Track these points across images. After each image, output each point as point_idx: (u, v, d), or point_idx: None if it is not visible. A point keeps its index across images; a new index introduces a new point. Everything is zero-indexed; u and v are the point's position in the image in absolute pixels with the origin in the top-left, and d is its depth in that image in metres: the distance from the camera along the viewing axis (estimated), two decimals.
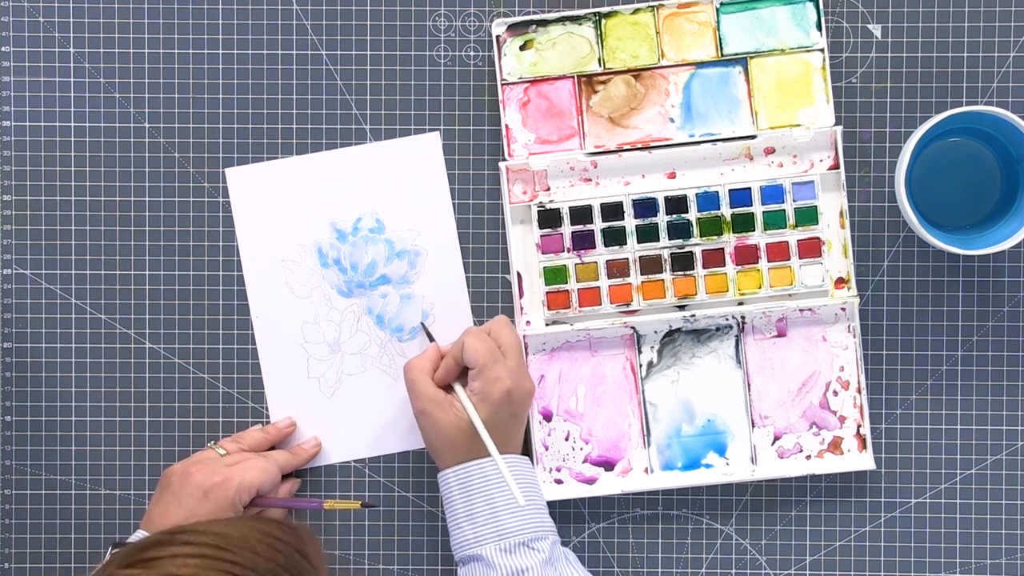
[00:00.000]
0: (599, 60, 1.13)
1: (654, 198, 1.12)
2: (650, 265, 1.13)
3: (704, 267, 1.13)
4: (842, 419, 1.14)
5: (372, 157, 1.14)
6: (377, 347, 1.14)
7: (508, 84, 1.13)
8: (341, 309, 1.14)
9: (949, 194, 1.12)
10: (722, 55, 1.13)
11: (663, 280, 1.13)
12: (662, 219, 1.12)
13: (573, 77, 1.13)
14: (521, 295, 1.13)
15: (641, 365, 1.14)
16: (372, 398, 1.14)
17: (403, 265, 1.14)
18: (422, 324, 1.14)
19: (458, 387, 1.07)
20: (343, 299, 1.14)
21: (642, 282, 1.13)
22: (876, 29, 1.14)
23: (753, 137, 1.12)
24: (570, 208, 1.12)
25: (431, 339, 1.13)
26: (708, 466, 1.14)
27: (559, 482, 1.14)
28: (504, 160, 1.13)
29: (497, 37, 1.13)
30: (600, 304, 1.13)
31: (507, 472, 1.03)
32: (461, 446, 1.06)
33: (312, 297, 1.14)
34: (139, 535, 1.06)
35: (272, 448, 1.13)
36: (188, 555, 0.75)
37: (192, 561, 0.75)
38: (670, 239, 1.13)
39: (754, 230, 1.12)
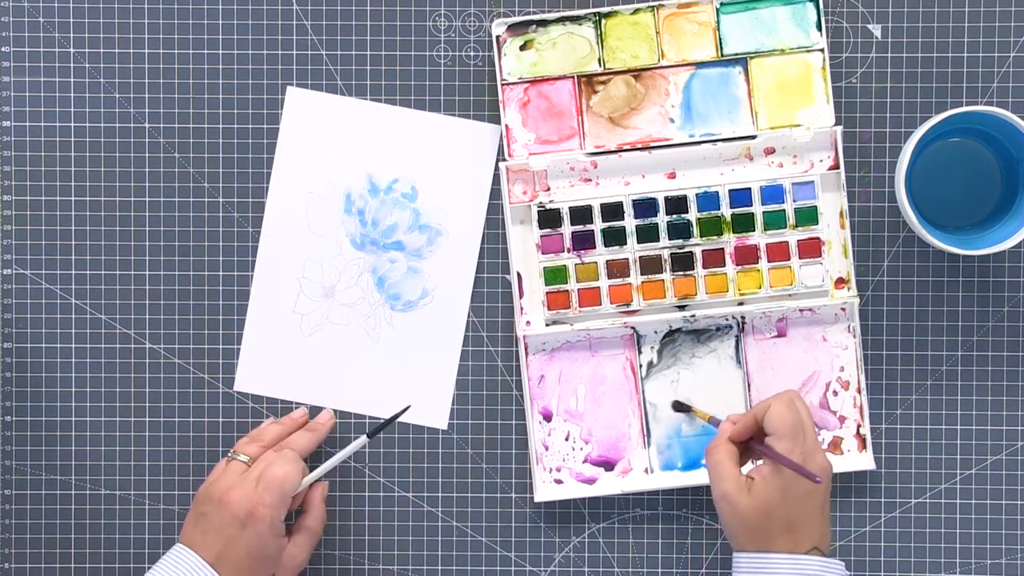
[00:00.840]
0: (599, 60, 1.13)
1: (654, 198, 1.12)
2: (650, 265, 1.13)
3: (704, 267, 1.13)
4: (842, 419, 1.14)
5: (430, 126, 1.13)
6: (368, 306, 1.14)
7: (508, 84, 1.13)
8: (348, 258, 1.14)
9: (949, 194, 1.12)
10: (722, 55, 1.13)
11: (663, 280, 1.13)
12: (662, 219, 1.12)
13: (573, 77, 1.13)
14: (521, 295, 1.13)
15: (641, 365, 1.14)
16: (347, 352, 1.14)
17: (421, 238, 1.14)
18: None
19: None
20: (353, 250, 1.14)
21: (642, 282, 1.13)
22: (876, 29, 1.14)
23: (753, 137, 1.12)
24: (570, 208, 1.12)
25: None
26: None
27: (559, 482, 1.14)
28: (504, 160, 1.13)
29: (497, 37, 1.13)
30: (600, 304, 1.13)
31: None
32: (760, 529, 1.01)
33: (326, 237, 1.14)
34: (179, 550, 1.03)
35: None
36: None
37: None
38: (670, 239, 1.13)
39: (754, 230, 1.12)
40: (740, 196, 1.12)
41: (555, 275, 1.13)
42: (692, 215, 1.12)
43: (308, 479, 1.07)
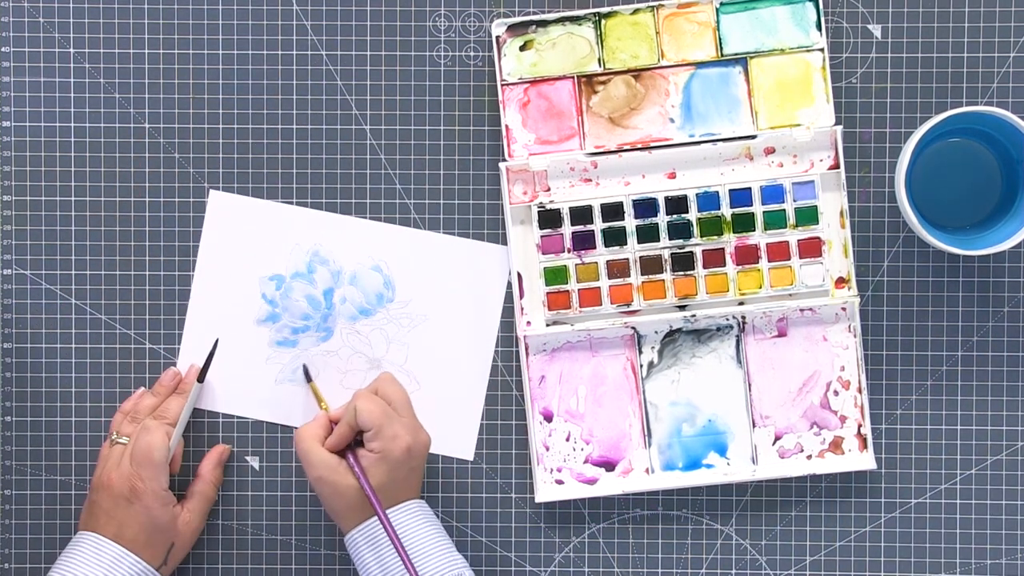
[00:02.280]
0: (599, 60, 1.13)
1: (654, 198, 1.12)
2: (650, 265, 1.13)
3: (704, 267, 1.13)
4: (843, 419, 1.14)
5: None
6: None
7: (508, 84, 1.13)
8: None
9: (949, 194, 1.12)
10: (722, 55, 1.13)
11: (663, 280, 1.13)
12: (662, 219, 1.12)
13: (573, 77, 1.13)
14: (522, 295, 1.13)
15: (642, 365, 1.14)
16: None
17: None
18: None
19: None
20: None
21: (642, 282, 1.13)
22: (876, 29, 1.14)
23: (753, 137, 1.12)
24: (570, 208, 1.12)
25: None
26: (709, 466, 1.14)
27: (560, 482, 1.14)
28: (504, 160, 1.13)
29: (497, 37, 1.13)
30: (600, 304, 1.13)
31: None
32: (360, 506, 1.06)
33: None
34: (81, 536, 1.07)
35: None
36: None
37: None
38: (670, 239, 1.13)
39: (754, 230, 1.13)
40: (740, 196, 1.12)
41: (555, 275, 1.13)
42: (692, 215, 1.12)
43: (173, 441, 1.09)
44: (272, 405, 1.14)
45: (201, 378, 1.11)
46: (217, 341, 1.12)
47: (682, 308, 1.14)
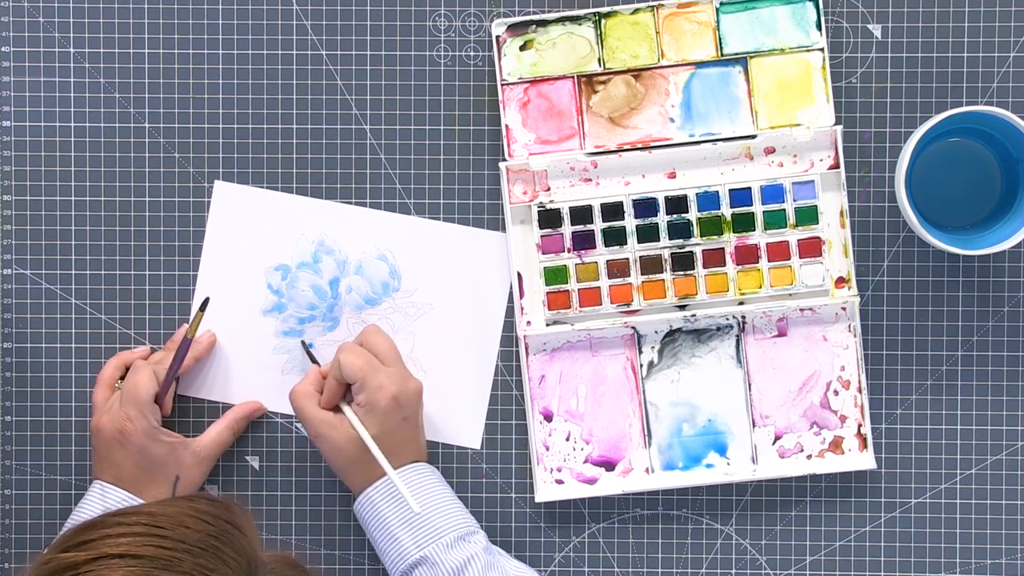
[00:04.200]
0: (599, 60, 1.13)
1: (654, 198, 1.12)
2: (650, 265, 1.13)
3: (704, 267, 1.13)
4: (843, 419, 1.14)
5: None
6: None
7: (508, 84, 1.13)
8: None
9: (949, 194, 1.12)
10: (722, 55, 1.13)
11: (663, 280, 1.13)
12: (662, 219, 1.12)
13: (573, 77, 1.13)
14: (522, 295, 1.13)
15: (642, 365, 1.14)
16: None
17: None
18: (303, 343, 1.14)
19: (344, 407, 1.08)
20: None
21: (642, 282, 1.13)
22: (876, 29, 1.14)
23: (753, 137, 1.12)
24: (570, 208, 1.12)
25: (313, 361, 1.13)
26: (709, 466, 1.14)
27: (560, 482, 1.14)
28: (504, 160, 1.13)
29: (497, 37, 1.13)
30: (600, 304, 1.13)
31: (403, 486, 1.04)
32: (363, 461, 1.07)
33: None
34: (94, 486, 1.09)
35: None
36: (121, 535, 0.80)
37: (125, 540, 0.79)
38: (670, 239, 1.13)
39: (754, 230, 1.12)
40: (740, 196, 1.12)
41: (555, 275, 1.13)
42: (692, 215, 1.12)
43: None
44: (280, 395, 1.14)
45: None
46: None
47: (682, 308, 1.14)
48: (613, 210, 1.12)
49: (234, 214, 1.14)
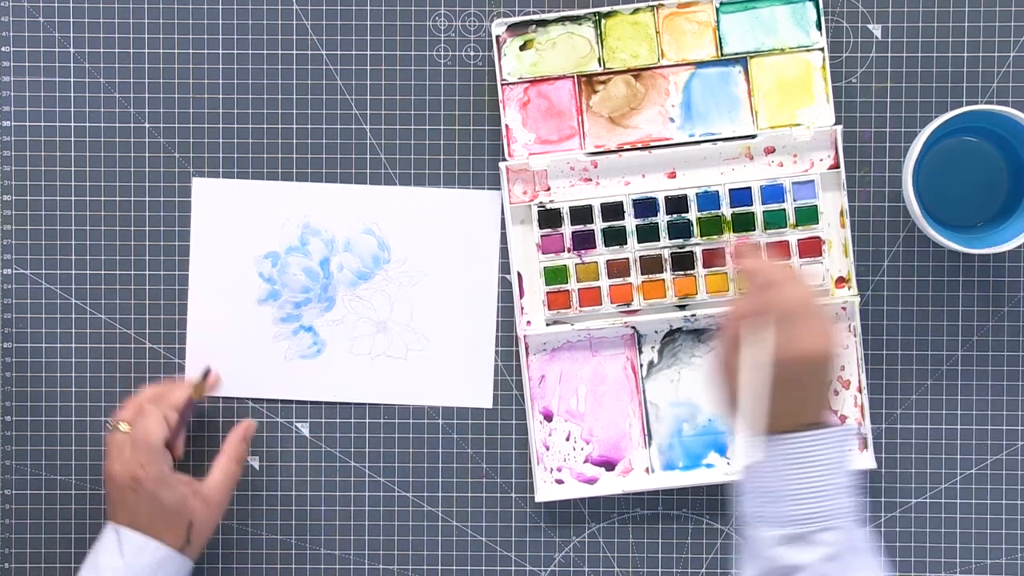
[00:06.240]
0: (599, 60, 1.13)
1: (654, 198, 1.12)
2: (650, 265, 1.13)
3: (704, 267, 1.13)
4: (843, 419, 1.14)
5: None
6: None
7: (508, 84, 1.13)
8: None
9: (955, 193, 1.12)
10: (722, 55, 1.13)
11: (663, 280, 1.13)
12: (662, 219, 1.12)
13: (573, 77, 1.13)
14: (522, 295, 1.13)
15: (642, 365, 1.14)
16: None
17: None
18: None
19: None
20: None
21: (642, 282, 1.13)
22: (876, 29, 1.14)
23: (753, 137, 1.12)
24: (570, 208, 1.12)
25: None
26: (709, 466, 1.14)
27: (560, 482, 1.14)
28: (504, 160, 1.13)
29: (497, 37, 1.13)
30: (600, 304, 1.13)
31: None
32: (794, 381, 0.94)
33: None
34: (108, 529, 1.06)
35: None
36: None
37: None
38: (670, 239, 1.13)
39: (754, 230, 1.12)
40: (740, 195, 1.12)
41: (555, 275, 1.13)
42: (692, 215, 1.12)
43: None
44: (285, 383, 1.14)
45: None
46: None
47: (682, 308, 1.14)
48: (613, 210, 1.12)
49: (216, 208, 1.14)
